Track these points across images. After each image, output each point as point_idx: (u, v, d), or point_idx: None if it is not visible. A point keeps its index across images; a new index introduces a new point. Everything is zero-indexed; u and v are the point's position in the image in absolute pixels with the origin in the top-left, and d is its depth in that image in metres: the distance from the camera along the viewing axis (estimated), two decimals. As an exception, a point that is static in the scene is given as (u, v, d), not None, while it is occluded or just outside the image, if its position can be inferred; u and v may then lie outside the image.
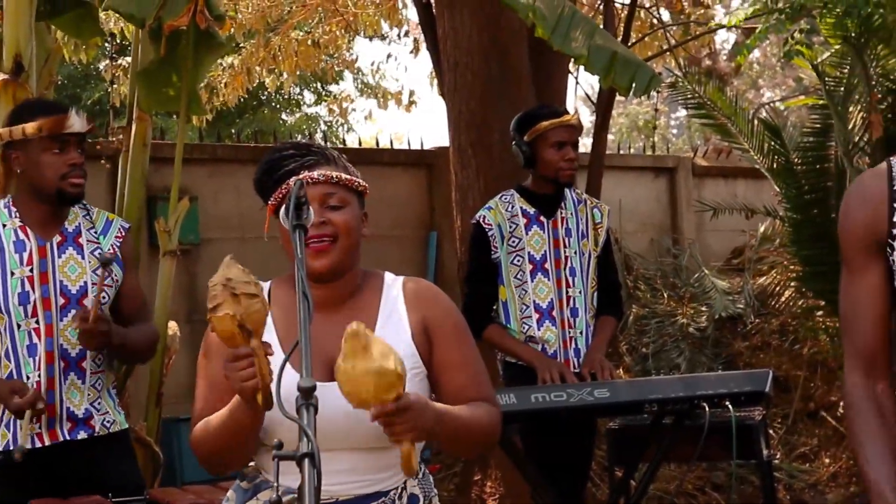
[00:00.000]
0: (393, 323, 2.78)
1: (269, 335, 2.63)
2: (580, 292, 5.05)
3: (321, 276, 2.73)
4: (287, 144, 2.86)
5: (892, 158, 2.62)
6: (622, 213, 9.25)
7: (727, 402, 4.61)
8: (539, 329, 4.98)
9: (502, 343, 5.03)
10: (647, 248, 9.83)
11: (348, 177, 2.80)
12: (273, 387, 2.31)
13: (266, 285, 2.75)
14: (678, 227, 10.05)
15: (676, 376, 6.60)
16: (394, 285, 2.86)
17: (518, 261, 5.02)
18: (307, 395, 2.19)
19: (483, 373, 2.86)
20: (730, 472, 6.74)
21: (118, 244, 4.10)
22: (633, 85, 5.06)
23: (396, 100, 14.48)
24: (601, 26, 7.90)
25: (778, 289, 8.96)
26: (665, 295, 9.13)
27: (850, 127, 6.72)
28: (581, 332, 5.03)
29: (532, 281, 5.01)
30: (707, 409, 4.57)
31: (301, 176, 2.72)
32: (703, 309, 8.86)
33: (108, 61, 10.66)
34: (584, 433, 5.12)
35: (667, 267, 9.60)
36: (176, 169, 5.45)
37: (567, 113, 5.14)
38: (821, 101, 7.02)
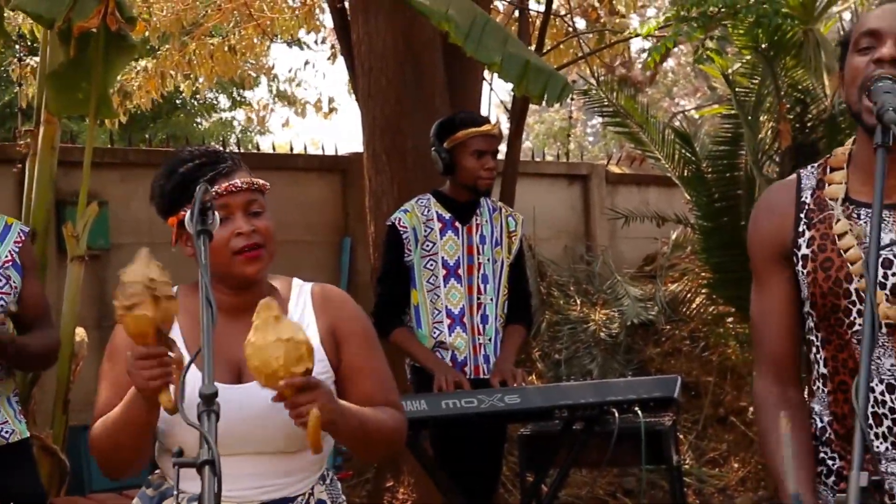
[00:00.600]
0: None
1: (176, 341, 2.61)
2: (491, 300, 5.07)
3: (252, 282, 2.74)
4: (196, 152, 2.83)
5: (801, 170, 2.66)
6: (536, 219, 9.28)
7: (636, 408, 4.65)
8: (450, 335, 4.99)
9: (407, 347, 5.03)
10: (560, 254, 9.88)
11: (264, 182, 2.80)
12: (176, 393, 2.30)
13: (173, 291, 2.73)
14: (592, 234, 10.12)
15: (586, 382, 6.65)
16: (302, 291, 2.85)
17: (431, 265, 5.02)
18: (209, 402, 2.17)
19: (390, 379, 2.87)
20: (640, 477, 6.79)
21: (17, 249, 3.99)
22: (546, 93, 5.10)
23: (316, 107, 14.43)
24: (516, 33, 7.96)
25: (689, 295, 9.05)
26: (578, 301, 9.18)
27: (759, 136, 6.81)
28: (490, 339, 5.04)
29: (445, 286, 5.02)
30: (617, 414, 4.61)
31: (225, 185, 2.71)
32: (616, 315, 8.93)
33: (16, 62, 10.50)
34: (495, 439, 5.13)
35: (580, 273, 9.65)
36: (85, 173, 5.38)
37: (488, 122, 5.15)
38: (731, 111, 7.10)
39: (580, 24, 12.76)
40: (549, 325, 8.91)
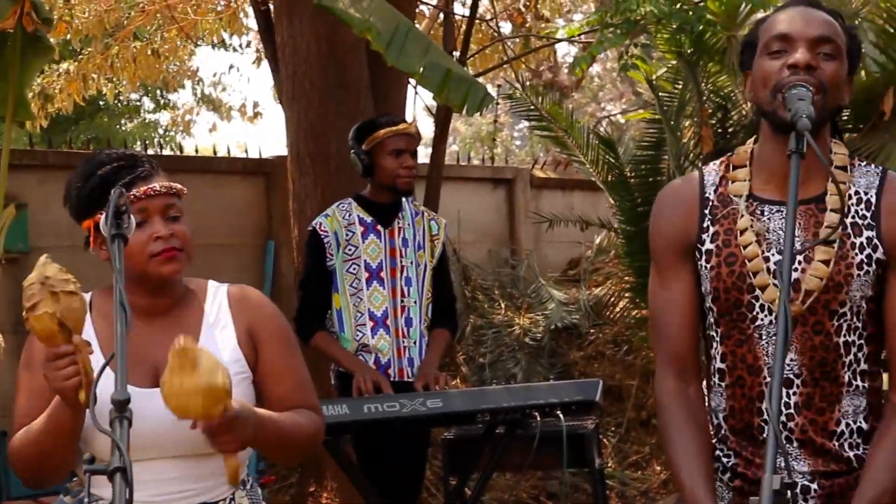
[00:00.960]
0: (218, 329, 2.78)
1: (92, 346, 2.58)
2: (415, 302, 5.07)
3: (169, 283, 2.73)
4: (113, 155, 2.81)
5: (703, 167, 2.71)
6: (461, 223, 9.29)
7: (558, 412, 4.67)
8: (373, 337, 4.98)
9: (328, 350, 5.02)
10: (485, 258, 9.89)
11: (182, 187, 2.79)
12: (86, 398, 2.28)
13: (87, 296, 2.70)
14: (516, 237, 10.14)
15: (509, 386, 6.67)
16: (218, 292, 2.85)
17: (354, 269, 5.02)
18: (121, 408, 2.15)
19: (307, 380, 2.87)
20: (563, 480, 6.82)
21: None
22: (467, 102, 5.12)
23: (241, 112, 14.36)
24: (441, 38, 7.98)
25: (612, 299, 9.11)
26: (502, 305, 9.21)
27: (682, 141, 6.86)
28: (415, 342, 5.04)
29: (367, 289, 5.01)
30: (538, 418, 4.63)
31: (143, 189, 2.69)
32: (540, 319, 8.96)
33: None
34: (417, 443, 5.13)
35: (504, 277, 9.67)
36: (1, 175, 5.31)
37: (405, 122, 5.16)
38: (655, 116, 7.15)
39: (506, 28, 12.81)
40: (474, 328, 8.93)
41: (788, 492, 2.04)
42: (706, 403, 2.67)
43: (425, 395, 4.68)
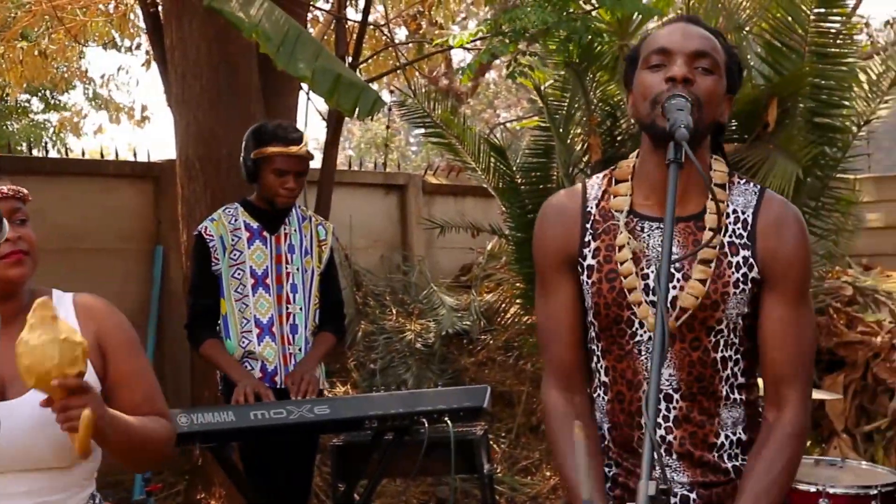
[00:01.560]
0: None
1: None
2: (301, 309, 5.05)
3: (15, 286, 2.69)
4: None
5: (586, 180, 2.72)
6: (353, 229, 9.27)
7: (446, 418, 4.68)
8: (258, 344, 4.95)
9: (213, 358, 4.98)
10: (377, 264, 9.88)
11: (27, 192, 2.77)
12: None
13: None
14: (408, 243, 10.14)
15: (396, 393, 6.65)
16: (62, 301, 2.80)
17: (239, 274, 4.98)
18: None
19: (157, 388, 2.84)
20: (453, 486, 6.84)
21: None
22: (358, 107, 5.10)
23: (128, 114, 14.16)
24: (334, 42, 7.95)
25: (503, 305, 9.15)
26: (394, 311, 9.20)
27: (571, 149, 6.92)
28: (301, 349, 5.02)
29: (253, 295, 4.98)
30: (426, 424, 4.63)
31: None
32: (431, 325, 8.97)
33: None
34: (305, 450, 5.10)
35: (396, 283, 9.67)
36: None
37: (298, 143, 5.03)
38: (545, 124, 7.20)
39: (402, 34, 12.82)
40: (365, 334, 8.91)
41: (666, 497, 2.06)
42: (593, 413, 2.69)
43: (313, 401, 4.65)
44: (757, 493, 2.47)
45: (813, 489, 4.57)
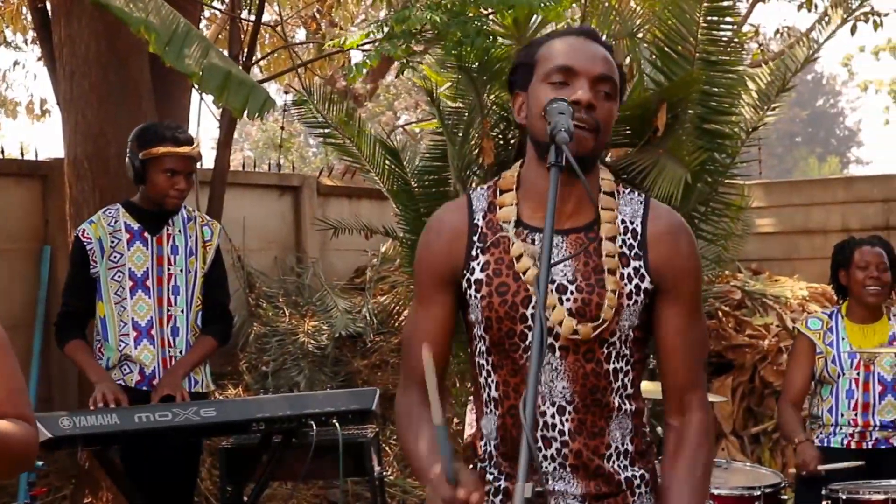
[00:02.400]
0: None
1: None
2: (182, 311, 4.99)
3: None
4: None
5: (471, 192, 2.69)
6: (246, 230, 9.20)
7: (334, 421, 4.68)
8: (136, 348, 4.90)
9: (75, 358, 4.96)
10: (270, 265, 9.81)
11: None
12: None
13: None
14: (302, 245, 10.08)
15: (284, 395, 6.65)
16: None
17: (118, 277, 4.92)
18: None
19: (22, 390, 2.73)
20: (342, 488, 6.82)
21: None
22: (247, 107, 5.06)
23: (28, 110, 13.92)
24: (227, 42, 7.88)
25: (397, 308, 9.14)
26: (287, 313, 9.14)
27: (465, 153, 6.91)
28: (181, 352, 4.96)
29: (131, 298, 4.92)
30: (314, 427, 4.62)
31: None
32: (325, 327, 8.93)
33: None
34: (189, 452, 5.04)
35: (290, 285, 9.62)
36: None
37: (189, 143, 4.99)
38: (438, 128, 7.19)
39: (302, 35, 12.76)
40: (258, 336, 8.84)
41: (543, 499, 2.07)
42: (479, 428, 2.69)
43: (199, 404, 4.62)
44: (688, 498, 2.52)
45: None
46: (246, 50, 8.08)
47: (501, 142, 6.83)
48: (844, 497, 4.87)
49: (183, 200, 5.01)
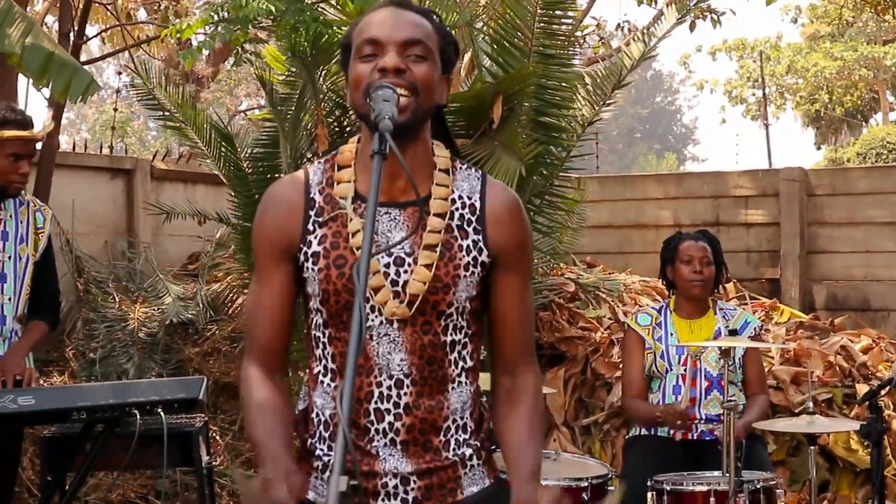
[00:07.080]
0: None
1: None
2: (9, 299, 4.89)
3: None
4: None
5: (308, 167, 2.71)
6: (75, 213, 8.96)
7: (159, 409, 4.58)
8: None
9: None
10: (100, 250, 9.57)
11: None
12: None
13: None
14: (134, 230, 9.86)
15: (107, 383, 6.52)
16: None
17: None
18: None
19: None
20: (169, 478, 6.70)
21: None
22: (70, 89, 4.94)
23: None
24: (57, 20, 7.67)
25: (231, 295, 9.02)
26: (117, 298, 8.93)
27: (298, 139, 6.85)
28: (5, 339, 4.83)
29: None
30: (139, 416, 4.52)
31: None
32: (156, 313, 8.76)
33: None
34: (8, 442, 4.90)
35: (121, 270, 9.39)
36: None
37: (32, 126, 4.89)
38: (269, 115, 7.12)
39: (143, 14, 12.51)
40: (86, 322, 8.62)
41: (357, 493, 2.05)
42: (290, 392, 2.70)
43: (16, 391, 4.49)
44: (528, 460, 2.57)
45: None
46: (76, 27, 7.88)
47: (337, 129, 6.79)
48: (668, 488, 4.96)
49: (25, 185, 4.89)
